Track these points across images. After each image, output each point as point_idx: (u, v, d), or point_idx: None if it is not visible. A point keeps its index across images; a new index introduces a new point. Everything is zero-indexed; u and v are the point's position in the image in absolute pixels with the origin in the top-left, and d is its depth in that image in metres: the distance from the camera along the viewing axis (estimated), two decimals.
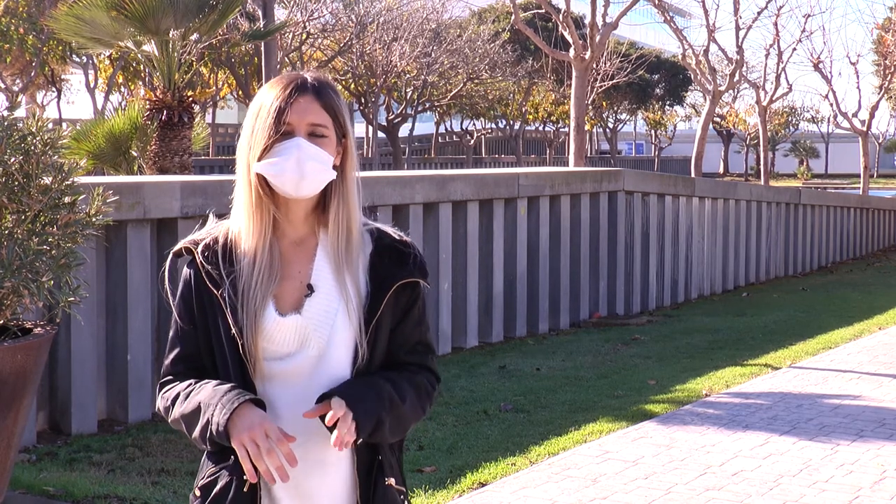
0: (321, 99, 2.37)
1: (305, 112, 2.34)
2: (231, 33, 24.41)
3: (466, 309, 10.65)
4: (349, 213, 2.40)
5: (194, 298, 2.40)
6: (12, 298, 4.36)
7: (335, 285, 2.39)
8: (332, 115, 2.38)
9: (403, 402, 2.38)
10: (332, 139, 2.38)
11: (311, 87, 2.37)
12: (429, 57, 38.54)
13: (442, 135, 57.75)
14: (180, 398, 2.38)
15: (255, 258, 2.37)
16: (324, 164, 2.35)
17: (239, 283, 2.36)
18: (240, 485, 2.35)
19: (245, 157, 2.37)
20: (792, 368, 9.37)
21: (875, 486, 5.96)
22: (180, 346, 2.43)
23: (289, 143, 2.32)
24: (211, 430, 2.28)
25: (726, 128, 66.04)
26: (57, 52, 34.12)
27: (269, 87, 2.39)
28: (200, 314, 2.40)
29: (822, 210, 19.99)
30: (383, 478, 2.42)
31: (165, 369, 2.46)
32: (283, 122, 2.32)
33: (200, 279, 2.39)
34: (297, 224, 2.42)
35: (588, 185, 12.56)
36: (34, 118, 4.53)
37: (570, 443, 6.76)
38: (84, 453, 6.57)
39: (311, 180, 2.33)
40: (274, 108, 2.33)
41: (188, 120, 12.72)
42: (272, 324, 2.35)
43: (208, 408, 2.30)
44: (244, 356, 2.34)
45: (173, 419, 2.41)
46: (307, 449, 2.37)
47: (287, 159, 2.31)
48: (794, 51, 31.27)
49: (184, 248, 2.43)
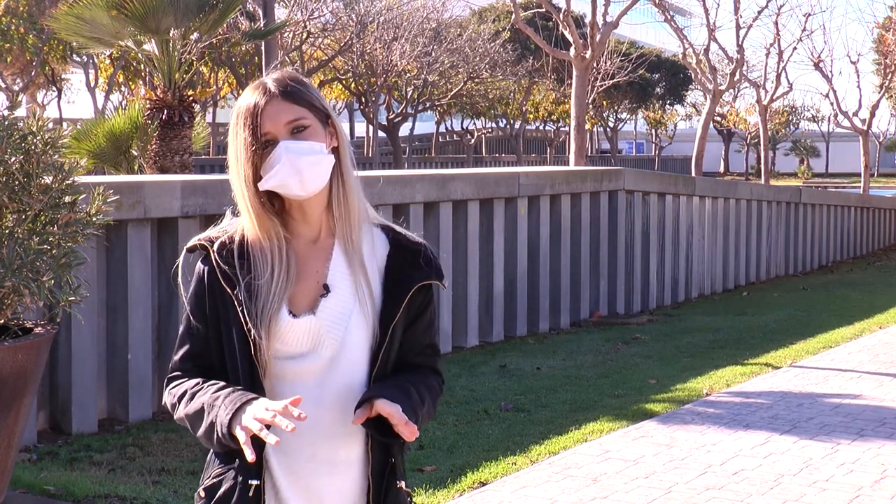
0: (288, 96, 2.35)
1: (278, 114, 2.33)
2: (231, 32, 24.39)
3: (467, 308, 10.65)
4: (347, 189, 2.39)
5: (207, 296, 2.38)
6: (13, 298, 4.36)
7: (351, 285, 2.38)
8: (307, 106, 2.37)
9: (423, 405, 2.38)
10: (317, 126, 2.36)
11: (275, 91, 2.35)
12: (429, 56, 38.53)
13: (442, 134, 57.73)
14: (186, 397, 2.36)
15: (272, 262, 2.35)
16: (317, 155, 2.34)
17: (254, 285, 2.34)
18: (245, 488, 2.34)
19: (238, 180, 2.35)
20: (792, 367, 9.37)
21: (875, 485, 5.96)
22: (190, 343, 2.41)
23: (275, 151, 2.31)
24: (217, 432, 2.26)
25: (727, 127, 65.99)
26: (57, 51, 34.12)
27: (237, 105, 2.38)
28: (212, 312, 2.38)
29: (823, 209, 19.98)
30: (395, 480, 2.42)
31: (174, 365, 2.44)
32: (261, 134, 2.32)
33: (215, 277, 2.37)
34: (313, 224, 2.41)
35: (588, 185, 12.56)
36: (35, 118, 4.53)
37: (570, 442, 6.76)
38: (84, 453, 6.57)
39: (310, 174, 2.32)
40: (248, 125, 2.32)
41: (188, 119, 12.72)
42: (285, 325, 2.34)
43: (212, 409, 2.28)
44: (255, 358, 2.32)
45: (179, 417, 2.39)
46: (316, 449, 2.36)
47: (282, 167, 2.30)
48: (794, 50, 31.26)
49: (199, 244, 2.41)
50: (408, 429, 2.22)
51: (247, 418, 2.19)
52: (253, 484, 2.33)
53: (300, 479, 2.36)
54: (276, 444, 2.18)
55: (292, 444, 2.35)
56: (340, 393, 2.36)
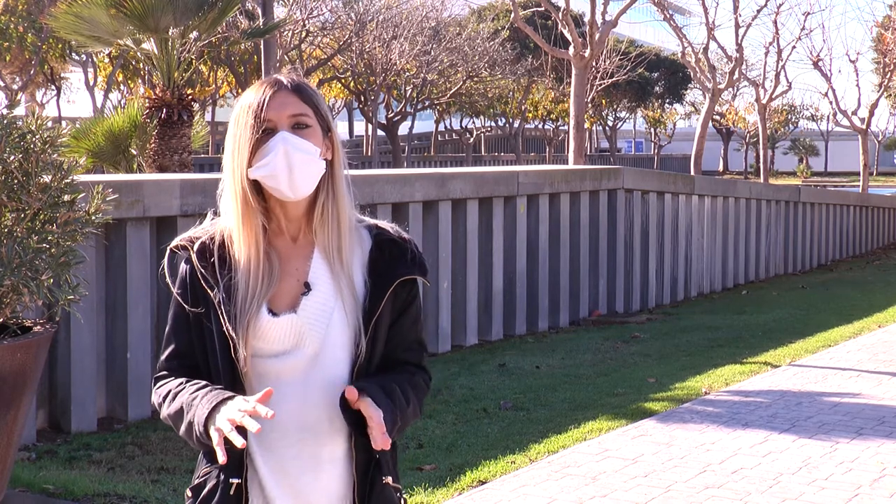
0: (299, 93, 2.36)
1: (284, 105, 2.34)
2: (230, 31, 24.39)
3: (466, 307, 10.65)
4: (339, 208, 2.39)
5: (189, 295, 2.39)
6: (12, 297, 4.36)
7: (332, 283, 2.38)
8: (313, 107, 2.37)
9: (409, 406, 2.38)
10: (317, 130, 2.37)
11: (287, 83, 2.37)
12: (428, 55, 38.53)
13: (441, 133, 57.74)
14: (170, 397, 2.36)
15: (251, 265, 2.35)
16: (311, 155, 2.33)
17: (234, 286, 2.34)
18: (226, 486, 2.35)
19: (231, 164, 2.36)
20: (791, 366, 9.37)
21: (874, 483, 5.96)
22: (175, 342, 2.42)
23: (273, 139, 2.31)
24: (194, 432, 2.26)
25: (726, 126, 66.00)
26: (56, 50, 34.13)
27: (247, 92, 2.39)
28: (194, 311, 2.38)
29: (822, 208, 19.98)
30: (381, 476, 2.41)
31: (161, 364, 2.45)
32: (263, 119, 2.31)
33: (195, 277, 2.38)
34: (294, 223, 2.41)
35: (588, 183, 12.56)
36: (34, 116, 4.53)
37: (569, 441, 6.76)
38: (84, 451, 6.57)
39: (300, 174, 2.31)
40: (252, 109, 2.32)
41: (188, 118, 12.72)
42: (265, 324, 2.34)
43: (191, 409, 2.28)
44: (234, 357, 2.33)
45: (164, 416, 2.40)
46: (301, 447, 2.36)
47: (274, 156, 2.30)
48: (793, 49, 31.24)
49: (180, 245, 2.41)
50: (381, 438, 2.21)
51: (220, 419, 2.20)
52: (234, 482, 2.34)
53: (286, 478, 2.36)
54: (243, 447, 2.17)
55: (277, 441, 2.35)
56: (324, 390, 2.36)
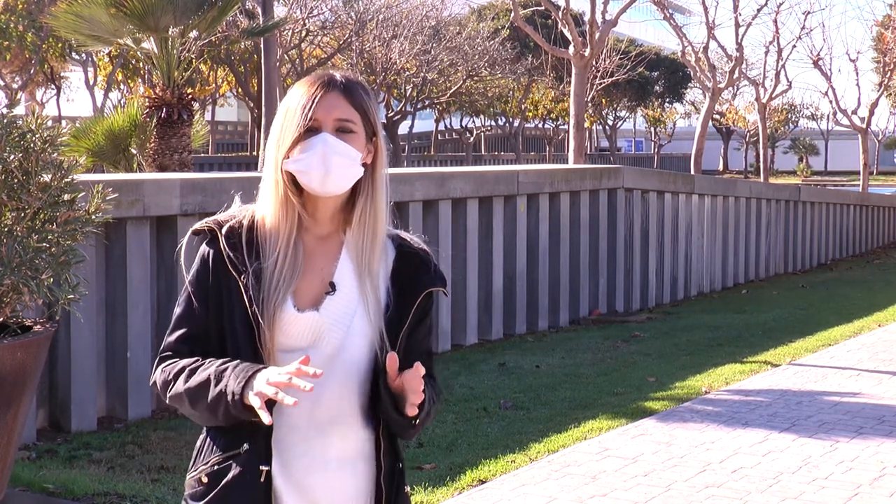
0: (349, 96, 2.36)
1: (332, 108, 2.34)
2: (230, 30, 24.39)
3: (466, 306, 10.65)
4: (376, 214, 2.39)
5: (211, 279, 2.36)
6: (12, 296, 4.35)
7: (356, 286, 2.38)
8: (361, 112, 2.37)
9: (433, 405, 2.42)
10: (361, 136, 2.37)
11: (339, 84, 2.36)
12: (428, 54, 38.52)
13: (441, 132, 57.72)
14: (185, 373, 2.32)
15: (279, 253, 2.34)
16: (350, 160, 2.33)
17: (262, 274, 2.33)
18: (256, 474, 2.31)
19: (273, 154, 2.36)
20: (791, 365, 9.37)
21: (874, 482, 5.96)
22: (187, 325, 2.38)
23: (314, 138, 2.32)
24: (226, 400, 2.23)
25: (726, 125, 65.97)
26: (56, 49, 34.12)
27: (298, 85, 2.38)
28: (215, 296, 2.35)
29: (822, 207, 19.98)
30: (403, 485, 2.45)
31: (168, 345, 2.40)
32: (309, 118, 2.32)
33: (221, 261, 2.35)
34: (323, 221, 2.40)
35: (588, 183, 12.56)
36: (34, 115, 4.52)
37: (569, 440, 6.76)
38: (84, 451, 6.57)
39: (336, 176, 2.32)
40: (301, 105, 2.33)
41: (188, 117, 12.72)
42: (289, 317, 2.33)
43: (221, 380, 2.25)
44: (259, 345, 2.32)
45: (175, 394, 2.33)
46: (310, 445, 2.36)
47: (312, 155, 2.30)
48: (793, 48, 31.22)
49: (206, 227, 2.38)
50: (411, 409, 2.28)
51: (259, 383, 2.18)
52: (264, 469, 2.32)
53: (292, 475, 2.36)
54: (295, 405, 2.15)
55: (287, 438, 2.35)
56: (337, 391, 2.36)
